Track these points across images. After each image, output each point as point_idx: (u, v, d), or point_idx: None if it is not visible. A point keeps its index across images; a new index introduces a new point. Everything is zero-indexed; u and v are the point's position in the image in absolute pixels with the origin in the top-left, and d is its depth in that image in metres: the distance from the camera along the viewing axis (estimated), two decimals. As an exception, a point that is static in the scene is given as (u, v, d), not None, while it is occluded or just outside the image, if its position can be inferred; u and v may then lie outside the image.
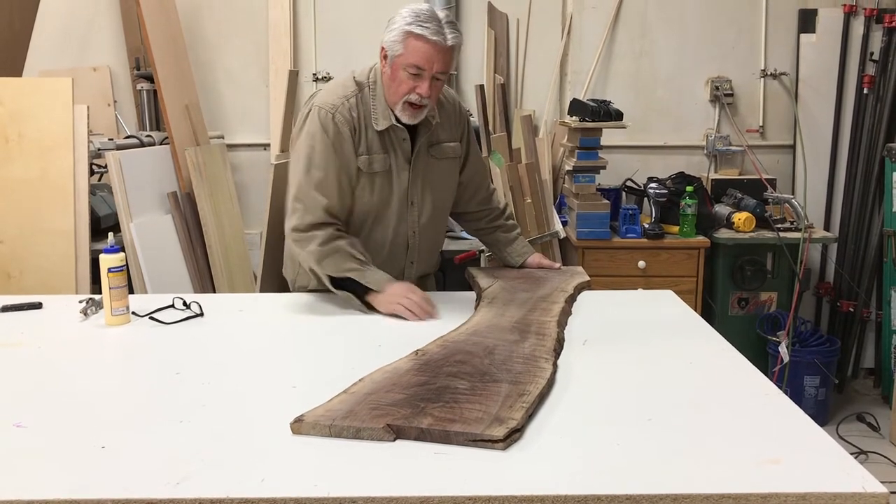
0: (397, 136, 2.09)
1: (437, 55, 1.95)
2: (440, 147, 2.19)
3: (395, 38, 1.97)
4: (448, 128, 2.21)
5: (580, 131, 3.53)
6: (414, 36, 1.94)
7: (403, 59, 1.97)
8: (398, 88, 2.00)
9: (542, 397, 1.42)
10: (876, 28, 3.92)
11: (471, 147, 2.30)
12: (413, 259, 2.22)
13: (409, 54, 1.96)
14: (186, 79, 3.86)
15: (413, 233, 2.19)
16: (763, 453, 1.22)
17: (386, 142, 2.09)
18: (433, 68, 1.96)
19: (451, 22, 1.99)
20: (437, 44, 1.94)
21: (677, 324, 1.97)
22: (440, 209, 2.24)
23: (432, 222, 2.22)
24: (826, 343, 3.67)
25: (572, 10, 4.08)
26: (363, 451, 1.23)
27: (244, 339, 1.88)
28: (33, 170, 3.16)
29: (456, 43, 1.97)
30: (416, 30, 1.93)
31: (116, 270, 1.93)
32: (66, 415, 1.41)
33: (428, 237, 2.23)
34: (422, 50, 1.94)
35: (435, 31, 1.93)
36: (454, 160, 2.23)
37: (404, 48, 1.96)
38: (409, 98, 2.00)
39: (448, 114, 2.21)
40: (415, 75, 1.97)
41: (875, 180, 3.88)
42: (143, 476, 1.16)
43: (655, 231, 3.56)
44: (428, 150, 2.16)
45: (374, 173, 2.09)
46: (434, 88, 2.00)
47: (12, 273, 3.15)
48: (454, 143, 2.22)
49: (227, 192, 3.86)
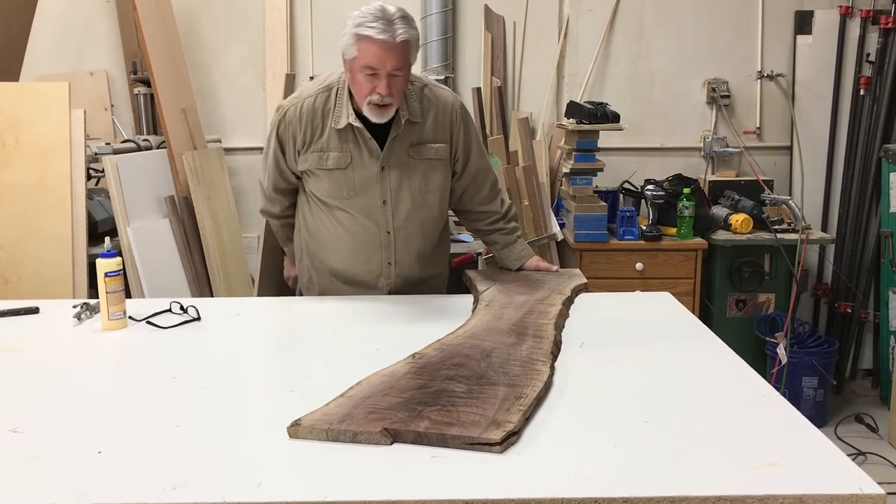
0: (361, 134, 2.10)
1: (388, 53, 1.94)
2: (422, 147, 2.17)
3: (347, 41, 1.99)
4: (435, 129, 2.19)
5: (577, 133, 3.53)
6: (362, 38, 1.95)
7: (358, 62, 1.98)
8: (360, 90, 2.02)
9: (540, 400, 1.42)
10: (872, 29, 3.93)
11: (471, 148, 2.27)
12: (391, 260, 2.21)
13: (361, 56, 1.97)
14: (183, 83, 3.86)
15: (388, 233, 2.18)
16: (760, 455, 1.22)
17: (345, 139, 2.11)
18: (386, 66, 1.96)
19: (404, 17, 1.98)
20: (385, 42, 1.93)
21: (675, 326, 1.97)
22: (422, 210, 2.21)
23: (413, 223, 2.20)
24: (824, 344, 3.68)
25: (569, 13, 4.09)
26: (360, 455, 1.23)
27: (241, 343, 1.88)
28: (30, 175, 3.16)
29: (407, 38, 1.96)
30: (364, 31, 1.94)
31: (113, 275, 1.92)
32: (62, 420, 1.41)
33: (409, 238, 2.21)
34: (371, 50, 1.95)
35: (382, 30, 1.93)
36: (440, 161, 2.20)
37: (357, 51, 1.97)
38: (371, 99, 2.00)
39: (436, 114, 2.18)
40: (371, 76, 1.97)
41: (872, 181, 3.89)
42: (140, 481, 1.16)
43: (653, 233, 3.56)
44: (408, 149, 2.15)
45: (330, 169, 2.13)
46: (394, 86, 1.99)
47: (9, 278, 3.14)
48: (440, 144, 2.19)
49: (225, 195, 3.85)
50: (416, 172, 2.17)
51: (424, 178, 2.19)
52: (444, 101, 2.22)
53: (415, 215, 2.20)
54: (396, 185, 2.15)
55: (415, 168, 2.17)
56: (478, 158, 2.31)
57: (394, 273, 2.23)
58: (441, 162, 2.21)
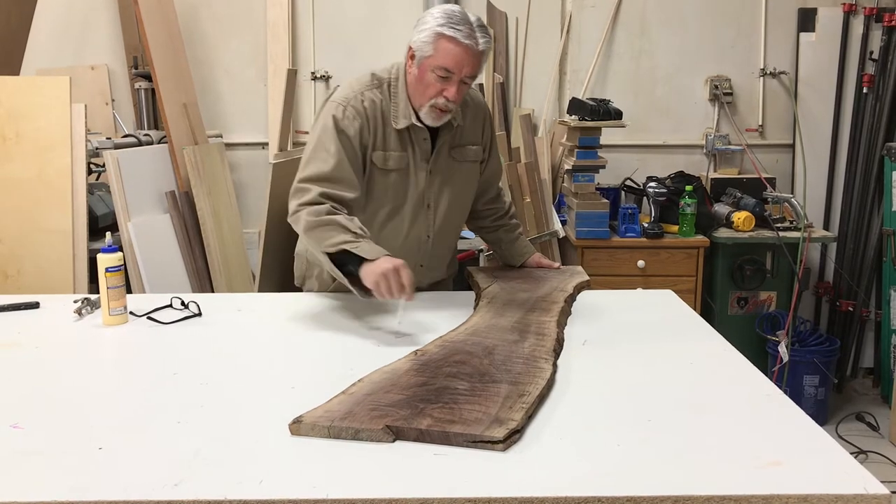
0: (417, 135, 2.05)
1: (468, 58, 1.90)
2: (463, 150, 2.14)
3: (425, 38, 1.91)
4: (472, 130, 2.16)
5: (579, 130, 3.53)
6: (445, 38, 1.89)
7: (433, 61, 1.92)
8: (425, 91, 1.96)
9: (542, 398, 1.42)
10: (875, 27, 3.92)
11: (492, 149, 2.26)
12: (423, 262, 2.18)
13: (439, 56, 1.90)
14: (185, 77, 3.85)
15: (427, 237, 2.15)
16: (764, 454, 1.22)
17: (404, 140, 2.04)
18: (462, 72, 1.91)
19: (483, 26, 1.94)
20: (468, 47, 1.89)
21: (677, 323, 1.96)
22: (457, 213, 2.20)
23: (448, 226, 2.18)
24: (825, 342, 3.67)
25: (571, 9, 4.08)
26: (362, 453, 1.23)
27: (242, 339, 1.88)
28: (31, 169, 3.15)
29: (487, 47, 1.93)
30: (448, 31, 1.88)
31: (114, 270, 1.92)
32: (63, 416, 1.40)
33: (442, 241, 2.19)
34: (452, 52, 1.89)
35: (467, 34, 1.88)
36: (475, 164, 2.19)
37: (434, 50, 1.91)
38: (435, 102, 1.95)
39: (473, 115, 2.15)
40: (443, 78, 1.92)
41: (874, 179, 3.88)
42: (141, 478, 1.15)
43: (655, 230, 3.55)
44: (449, 151, 2.11)
45: (389, 170, 2.04)
46: (461, 92, 1.96)
47: (10, 272, 3.14)
48: (476, 146, 2.18)
49: (226, 191, 3.85)
50: (457, 175, 2.14)
51: (463, 181, 2.17)
52: (476, 101, 2.19)
53: (451, 218, 2.18)
54: (439, 189, 2.12)
55: (456, 170, 2.14)
56: (497, 157, 2.30)
57: (424, 276, 2.19)
58: (475, 164, 2.19)
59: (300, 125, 4.20)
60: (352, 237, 1.83)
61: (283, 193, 2.15)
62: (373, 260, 1.79)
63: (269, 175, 2.73)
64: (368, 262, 1.79)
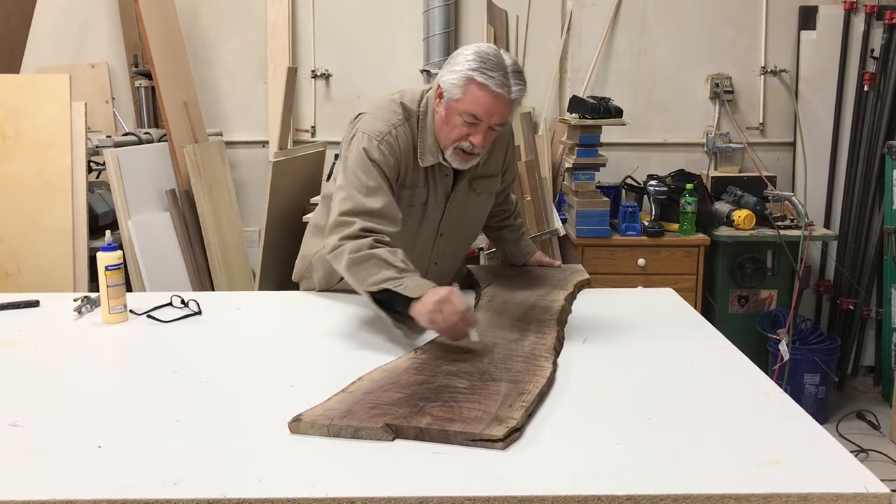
0: (440, 171, 1.96)
1: (498, 108, 1.79)
2: (483, 181, 2.07)
3: (455, 80, 1.80)
4: (496, 160, 2.08)
5: (580, 128, 3.52)
6: (477, 84, 1.77)
7: (461, 105, 1.80)
8: (450, 133, 1.86)
9: (542, 396, 1.42)
10: (876, 25, 3.91)
11: (510, 164, 2.20)
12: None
13: (467, 101, 1.79)
14: (185, 76, 3.85)
15: (435, 263, 2.11)
16: (764, 453, 1.22)
17: (427, 176, 1.96)
18: (492, 119, 1.81)
19: (518, 71, 1.82)
20: (499, 96, 1.77)
21: (677, 322, 1.96)
22: (467, 240, 2.19)
23: (456, 252, 2.16)
24: (826, 341, 3.67)
25: (572, 7, 4.07)
26: (361, 451, 1.23)
27: (242, 337, 1.87)
28: (31, 167, 3.15)
29: (519, 96, 1.81)
30: (479, 78, 1.76)
31: (114, 268, 1.91)
32: (62, 414, 1.40)
33: (448, 265, 2.16)
34: (482, 100, 1.78)
35: (500, 83, 1.76)
36: (492, 194, 2.15)
37: (463, 94, 1.79)
38: (461, 145, 1.85)
39: (495, 144, 2.03)
40: (470, 123, 1.81)
41: (875, 178, 3.88)
42: (140, 476, 1.15)
43: (655, 229, 3.55)
44: (470, 183, 2.04)
45: (411, 206, 1.96)
46: (488, 139, 1.86)
47: (10, 271, 3.14)
48: (497, 175, 2.11)
49: (226, 189, 3.85)
50: (473, 205, 2.10)
51: (479, 209, 2.13)
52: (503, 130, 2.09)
53: (462, 244, 2.17)
54: (454, 220, 2.07)
55: (473, 202, 2.09)
56: (513, 169, 2.25)
57: None
58: (493, 194, 2.15)
59: (300, 123, 4.20)
60: (395, 272, 1.72)
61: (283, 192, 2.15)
62: (419, 298, 1.66)
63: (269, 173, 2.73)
64: (416, 300, 1.67)
